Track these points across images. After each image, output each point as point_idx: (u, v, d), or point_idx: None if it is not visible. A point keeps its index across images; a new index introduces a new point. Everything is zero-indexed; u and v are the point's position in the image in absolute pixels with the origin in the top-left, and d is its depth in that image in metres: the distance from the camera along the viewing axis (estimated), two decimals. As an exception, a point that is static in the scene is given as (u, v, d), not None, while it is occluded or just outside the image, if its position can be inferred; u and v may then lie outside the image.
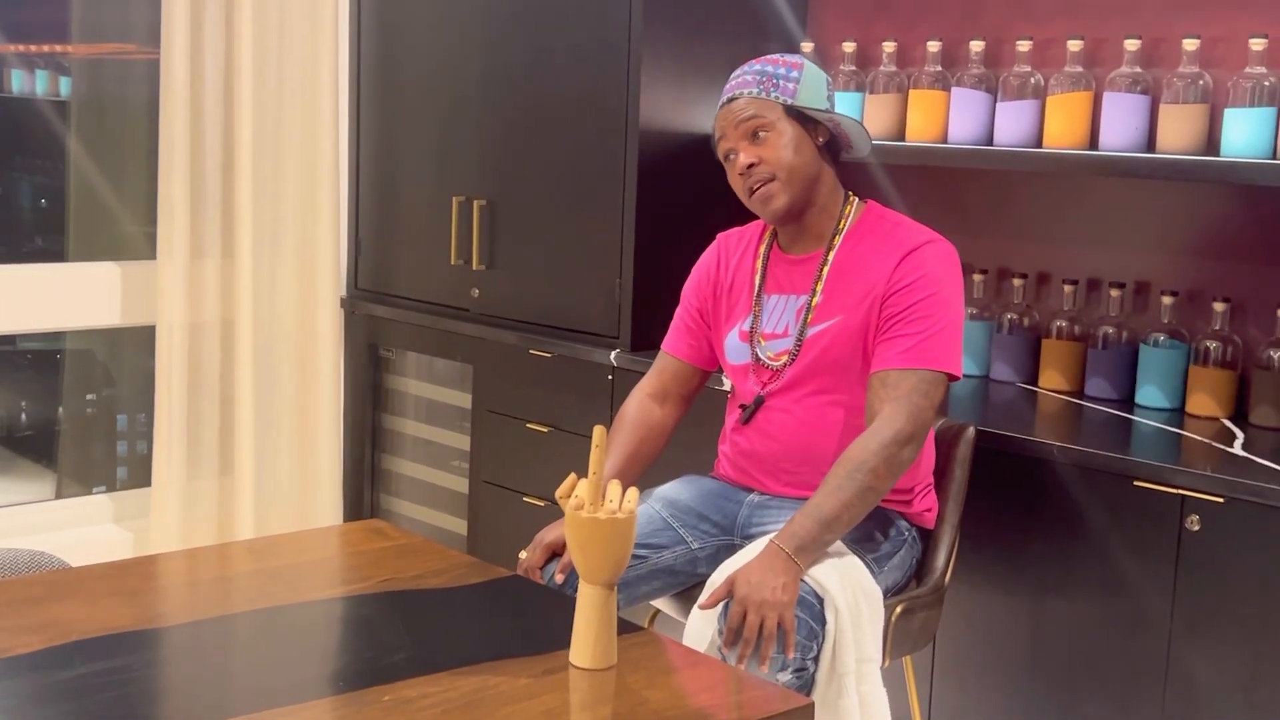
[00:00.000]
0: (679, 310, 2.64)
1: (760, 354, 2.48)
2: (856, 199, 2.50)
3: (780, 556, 2.19)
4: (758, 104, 2.41)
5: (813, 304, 2.43)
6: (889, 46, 3.23)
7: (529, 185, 3.57)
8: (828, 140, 2.45)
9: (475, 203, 3.67)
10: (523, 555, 2.40)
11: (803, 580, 2.21)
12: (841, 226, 2.46)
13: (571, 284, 3.49)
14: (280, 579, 2.11)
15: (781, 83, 2.41)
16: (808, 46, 3.42)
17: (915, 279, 2.36)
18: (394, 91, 3.93)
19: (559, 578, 2.33)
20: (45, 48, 4.11)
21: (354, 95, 4.01)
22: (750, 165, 2.41)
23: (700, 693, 1.79)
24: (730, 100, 2.44)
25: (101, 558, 2.17)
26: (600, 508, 1.78)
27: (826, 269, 2.44)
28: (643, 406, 2.59)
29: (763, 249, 2.54)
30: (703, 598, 2.26)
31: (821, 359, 2.41)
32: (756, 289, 2.51)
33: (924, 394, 2.31)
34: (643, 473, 2.54)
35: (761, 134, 2.40)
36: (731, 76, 2.49)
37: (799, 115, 2.41)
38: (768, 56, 2.48)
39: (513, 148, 3.60)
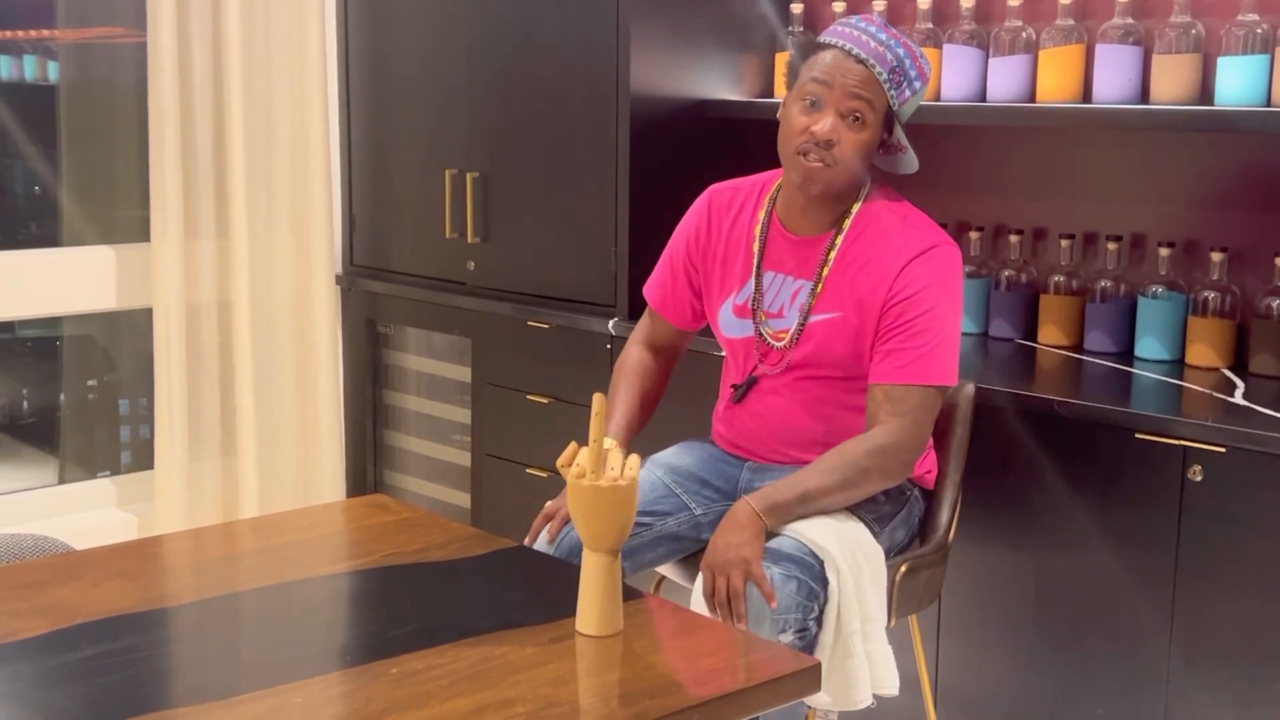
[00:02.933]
0: (667, 259, 2.59)
1: (763, 330, 2.45)
2: (869, 181, 2.43)
3: (745, 513, 2.23)
4: (874, 89, 2.30)
5: (815, 291, 2.40)
6: (879, 4, 3.21)
7: (521, 156, 3.56)
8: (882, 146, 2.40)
9: (468, 175, 3.65)
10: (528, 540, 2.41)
11: (800, 541, 2.23)
12: (851, 210, 2.41)
13: (567, 254, 3.48)
14: (284, 556, 2.11)
15: (904, 85, 2.32)
16: (798, 8, 3.40)
17: (917, 290, 2.31)
18: (384, 66, 3.91)
19: (551, 533, 2.36)
20: (32, 33, 4.09)
21: (343, 70, 4.00)
22: (828, 140, 2.29)
23: (707, 656, 1.79)
24: (858, 59, 2.30)
25: (106, 541, 2.16)
26: (602, 475, 1.78)
27: (833, 254, 2.39)
28: (642, 355, 2.62)
29: (762, 216, 2.48)
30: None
31: (820, 349, 2.39)
32: (756, 264, 2.47)
33: (927, 409, 2.32)
34: (649, 418, 2.57)
35: (857, 120, 2.30)
36: (873, 28, 2.32)
37: (888, 120, 2.35)
38: (913, 42, 2.34)
39: (504, 119, 3.58)
